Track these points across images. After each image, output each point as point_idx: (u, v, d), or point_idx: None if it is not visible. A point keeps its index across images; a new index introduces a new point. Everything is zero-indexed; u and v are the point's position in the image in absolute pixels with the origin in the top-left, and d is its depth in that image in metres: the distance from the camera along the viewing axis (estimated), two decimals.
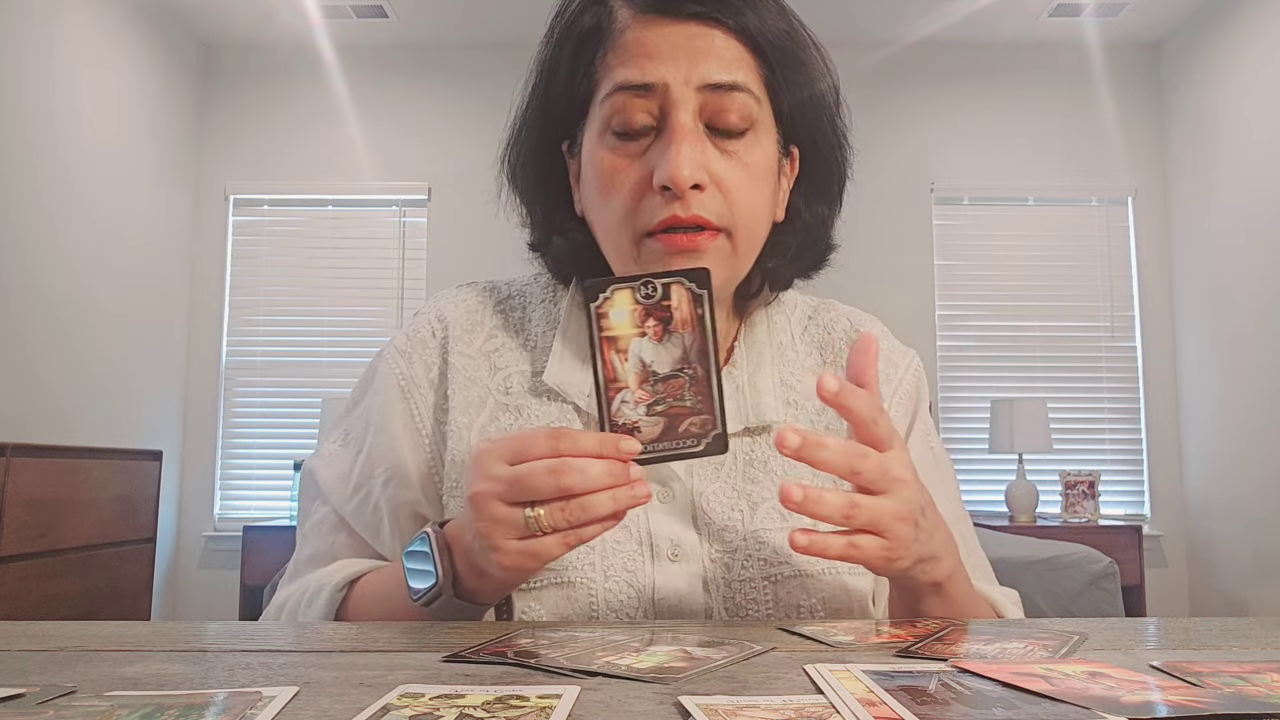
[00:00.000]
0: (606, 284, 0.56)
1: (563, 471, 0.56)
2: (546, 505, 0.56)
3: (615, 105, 0.69)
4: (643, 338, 0.57)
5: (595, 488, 0.56)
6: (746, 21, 0.69)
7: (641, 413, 0.57)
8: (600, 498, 0.56)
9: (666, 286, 0.57)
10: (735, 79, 0.69)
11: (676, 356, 0.57)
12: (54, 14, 3.21)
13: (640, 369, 0.57)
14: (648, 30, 0.69)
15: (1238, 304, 3.60)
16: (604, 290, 0.56)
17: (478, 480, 0.58)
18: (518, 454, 0.57)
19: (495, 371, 0.78)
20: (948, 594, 0.66)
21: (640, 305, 0.57)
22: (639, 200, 0.69)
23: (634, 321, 0.57)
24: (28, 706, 0.40)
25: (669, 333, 0.57)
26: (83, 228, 3.34)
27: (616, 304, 0.57)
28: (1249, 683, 0.44)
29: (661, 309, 0.57)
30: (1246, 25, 3.57)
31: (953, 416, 4.05)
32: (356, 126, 4.12)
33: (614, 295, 0.57)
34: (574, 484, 0.55)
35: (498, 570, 0.59)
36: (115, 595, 2.80)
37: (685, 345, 0.57)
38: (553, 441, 0.57)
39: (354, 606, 0.72)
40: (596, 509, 0.56)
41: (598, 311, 0.56)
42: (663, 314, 0.57)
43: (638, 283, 0.56)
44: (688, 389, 0.57)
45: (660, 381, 0.57)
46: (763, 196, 0.72)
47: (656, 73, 0.68)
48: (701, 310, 0.57)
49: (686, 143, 0.67)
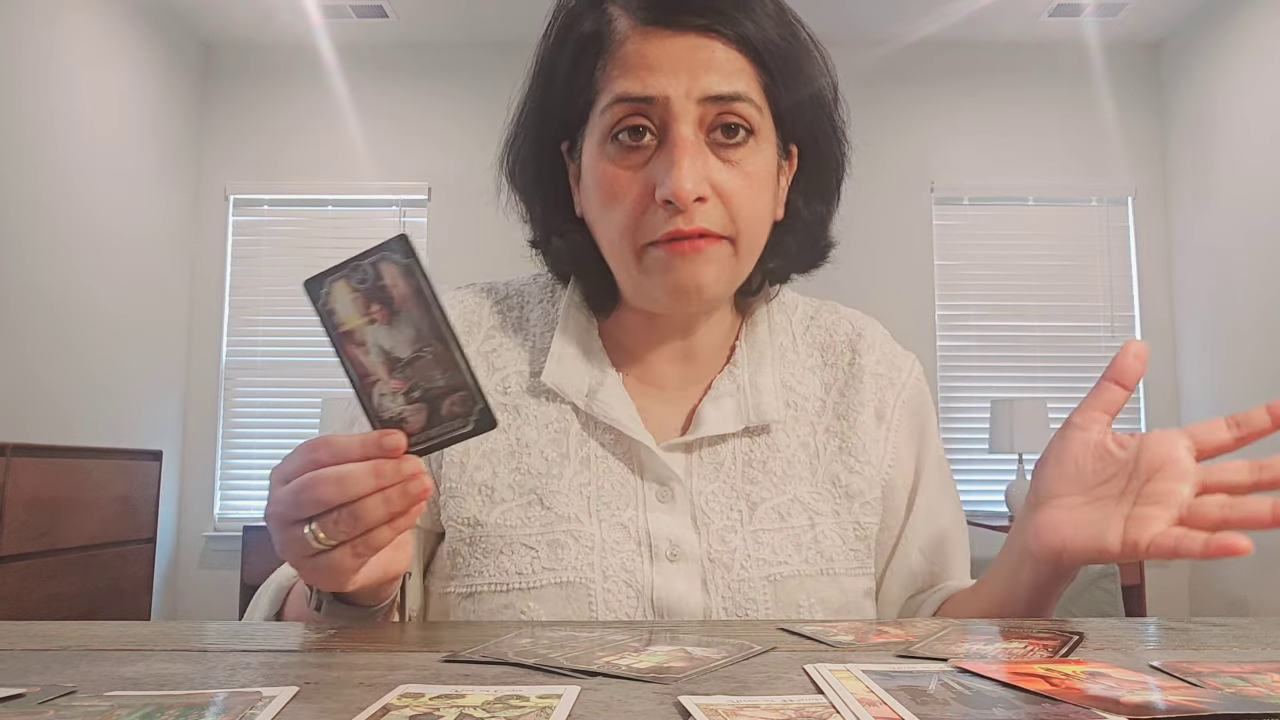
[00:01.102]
0: (323, 279, 0.53)
1: (317, 484, 0.53)
2: (320, 519, 0.53)
3: (616, 116, 0.69)
4: (373, 324, 0.54)
5: (356, 494, 0.53)
6: (746, 31, 0.69)
7: (401, 402, 0.54)
8: (370, 503, 0.53)
9: (375, 265, 0.53)
10: (736, 90, 0.69)
11: (412, 336, 0.53)
12: (54, 14, 3.21)
13: (384, 358, 0.54)
14: (648, 42, 0.69)
15: (1237, 304, 3.60)
16: (322, 285, 0.53)
17: (268, 502, 0.57)
18: (288, 472, 0.55)
19: (494, 372, 0.78)
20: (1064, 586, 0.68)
21: (358, 292, 0.53)
22: (641, 213, 0.69)
23: (360, 310, 0.53)
24: (28, 706, 0.40)
25: (395, 313, 0.53)
26: (83, 227, 3.34)
27: (338, 296, 0.53)
28: (1249, 683, 0.44)
29: (379, 290, 0.53)
30: (1246, 25, 3.57)
31: (953, 416, 4.05)
32: (356, 126, 4.12)
33: (333, 288, 0.53)
34: (330, 495, 0.53)
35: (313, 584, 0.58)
36: (115, 595, 2.80)
37: (415, 323, 0.53)
38: (310, 454, 0.54)
39: (289, 605, 0.71)
40: (367, 515, 0.53)
41: (325, 309, 0.54)
42: (383, 295, 0.53)
43: (346, 270, 0.53)
44: (434, 368, 0.54)
45: (406, 366, 0.54)
46: (764, 202, 0.73)
47: (657, 85, 0.68)
48: (416, 281, 0.53)
49: (688, 156, 0.67)
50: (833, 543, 0.74)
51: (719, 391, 0.77)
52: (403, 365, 0.54)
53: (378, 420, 0.54)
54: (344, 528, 0.53)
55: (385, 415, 0.54)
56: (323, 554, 0.55)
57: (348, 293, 0.53)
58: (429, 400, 0.54)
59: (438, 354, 0.53)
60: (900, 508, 0.80)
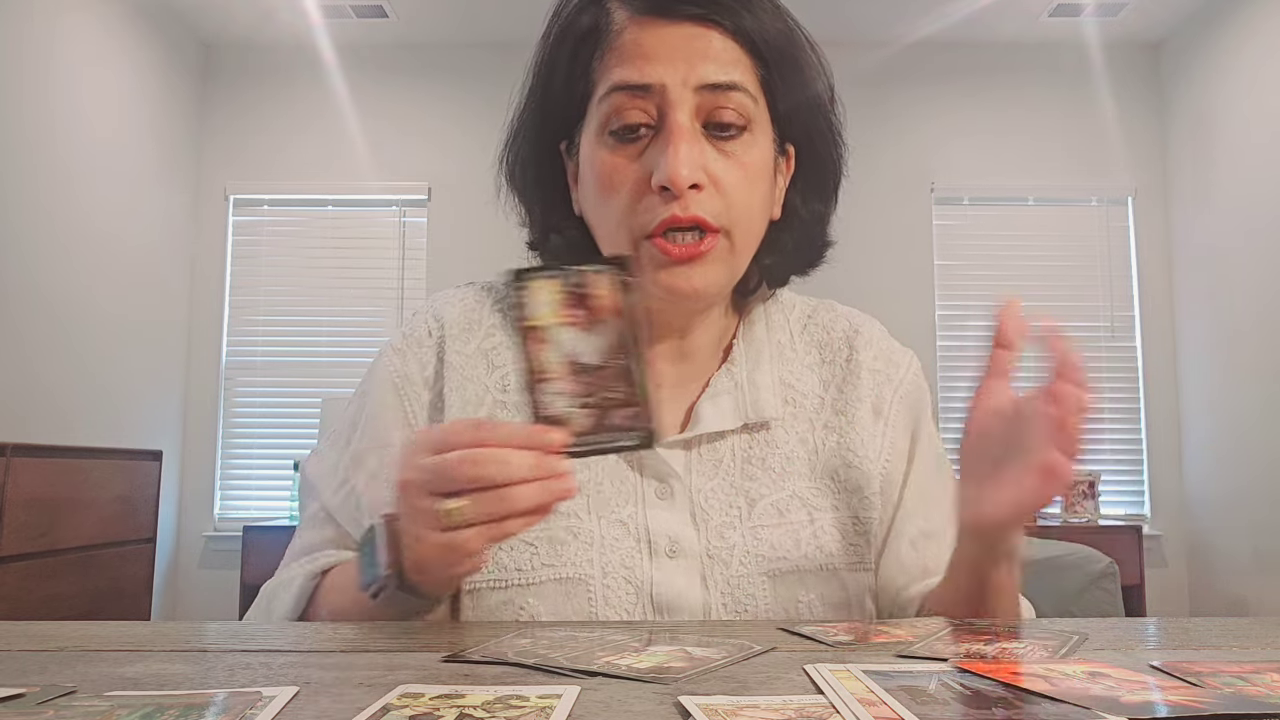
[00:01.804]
0: (530, 272, 0.55)
1: (482, 462, 0.54)
2: (467, 496, 0.55)
3: (613, 106, 0.70)
4: (569, 328, 0.55)
5: (515, 479, 0.54)
6: (743, 22, 0.70)
7: (571, 404, 0.56)
8: (522, 490, 0.54)
9: (592, 276, 0.56)
10: (732, 79, 0.69)
11: (604, 347, 0.55)
12: (54, 14, 3.21)
13: (568, 360, 0.55)
14: (645, 31, 0.70)
15: (1237, 304, 3.60)
16: (528, 279, 0.55)
17: (404, 470, 0.58)
18: (441, 444, 0.56)
19: (493, 370, 0.78)
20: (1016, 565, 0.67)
21: (565, 294, 0.55)
22: (637, 200, 0.70)
23: (559, 311, 0.55)
24: (28, 706, 0.40)
25: (596, 322, 0.55)
26: (83, 228, 3.34)
27: (540, 293, 0.55)
28: (1249, 683, 0.44)
29: (588, 298, 0.55)
30: (1246, 25, 3.57)
31: (953, 416, 4.03)
32: (356, 126, 4.11)
33: (538, 284, 0.55)
34: (493, 474, 0.54)
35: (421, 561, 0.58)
36: (115, 595, 2.80)
37: (613, 335, 0.55)
38: (476, 431, 0.55)
39: (322, 597, 0.71)
40: (517, 501, 0.54)
41: (520, 301, 0.55)
42: (589, 304, 0.55)
43: (561, 272, 0.55)
44: (617, 380, 0.56)
45: (589, 373, 0.55)
46: (760, 195, 0.73)
47: (654, 73, 0.68)
48: (629, 300, 0.55)
49: (684, 143, 0.67)
50: (832, 538, 0.75)
51: (717, 389, 0.77)
52: (587, 371, 0.55)
53: (539, 416, 0.56)
54: (489, 508, 0.54)
55: (547, 412, 0.56)
56: (452, 530, 0.55)
57: (552, 292, 0.55)
58: (600, 409, 0.56)
59: (624, 369, 0.56)
60: (893, 501, 0.80)
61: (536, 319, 0.55)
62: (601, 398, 0.56)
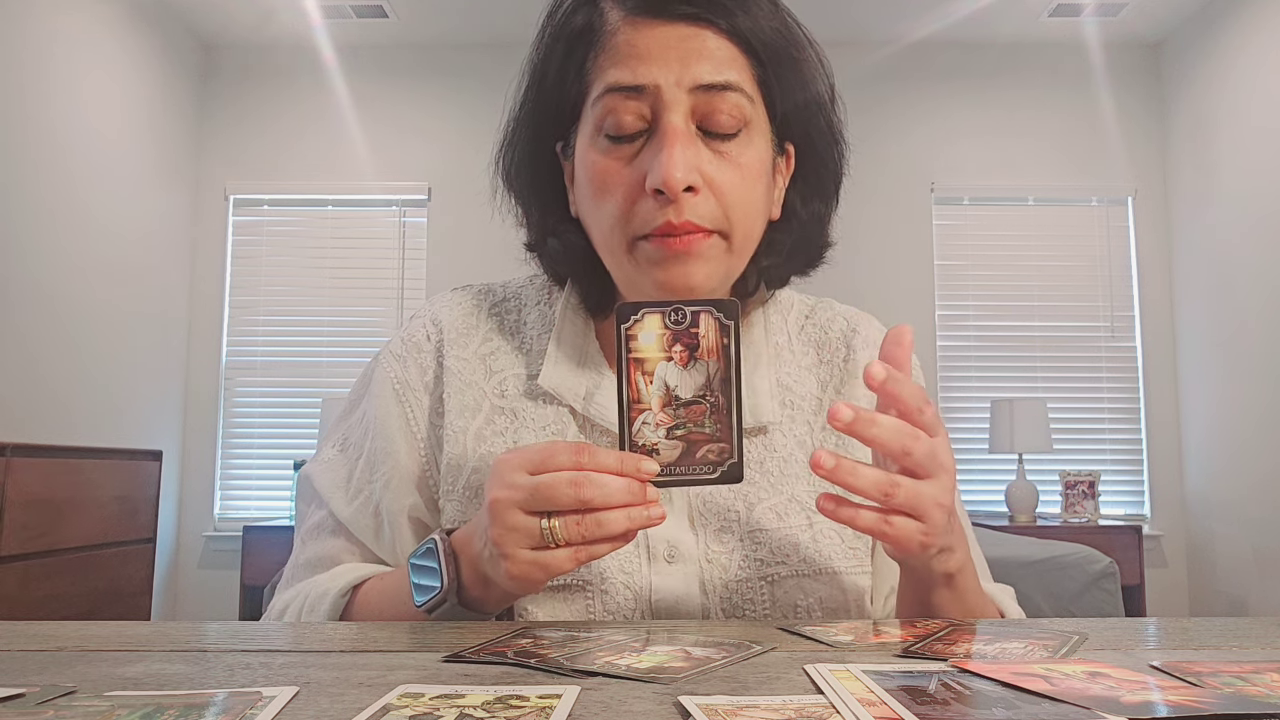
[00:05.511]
0: (638, 307, 0.58)
1: (583, 484, 0.56)
2: (562, 517, 0.56)
3: (607, 107, 0.69)
4: (669, 362, 0.58)
5: (613, 504, 0.56)
6: (738, 22, 0.69)
7: (661, 435, 0.58)
8: (616, 514, 0.56)
9: (696, 314, 0.58)
10: (727, 79, 0.68)
11: (700, 383, 0.58)
12: (54, 14, 3.21)
13: (664, 393, 0.58)
14: (639, 32, 0.69)
15: (1238, 304, 3.60)
16: (635, 313, 0.58)
17: (497, 487, 0.59)
18: (539, 464, 0.58)
19: (491, 375, 0.78)
20: (958, 587, 0.66)
21: (669, 330, 0.58)
22: (632, 203, 0.69)
23: (661, 346, 0.58)
24: (28, 706, 0.40)
25: (694, 359, 0.58)
26: (83, 227, 3.34)
27: (646, 327, 0.58)
28: (1249, 683, 0.44)
29: (689, 335, 0.58)
30: (1246, 25, 3.57)
31: (953, 416, 4.04)
32: (356, 126, 4.12)
33: (644, 319, 0.58)
34: (593, 497, 0.56)
35: (505, 579, 0.59)
36: (115, 595, 2.80)
37: (709, 373, 0.58)
38: (575, 455, 0.57)
39: (358, 613, 0.72)
40: (611, 525, 0.56)
41: (628, 333, 0.58)
42: (690, 340, 0.58)
43: (668, 308, 0.58)
44: (709, 416, 0.58)
45: (682, 407, 0.58)
46: (757, 196, 0.72)
47: (648, 74, 0.68)
48: (727, 340, 0.58)
49: (679, 145, 0.67)
50: (830, 542, 0.74)
51: None
52: (679, 405, 0.58)
53: (631, 444, 0.59)
54: (584, 530, 0.57)
55: (639, 441, 0.59)
56: (544, 549, 0.57)
57: (658, 327, 0.58)
58: (689, 441, 0.59)
59: (717, 406, 0.58)
60: None
61: (643, 352, 0.58)
62: (691, 431, 0.58)
